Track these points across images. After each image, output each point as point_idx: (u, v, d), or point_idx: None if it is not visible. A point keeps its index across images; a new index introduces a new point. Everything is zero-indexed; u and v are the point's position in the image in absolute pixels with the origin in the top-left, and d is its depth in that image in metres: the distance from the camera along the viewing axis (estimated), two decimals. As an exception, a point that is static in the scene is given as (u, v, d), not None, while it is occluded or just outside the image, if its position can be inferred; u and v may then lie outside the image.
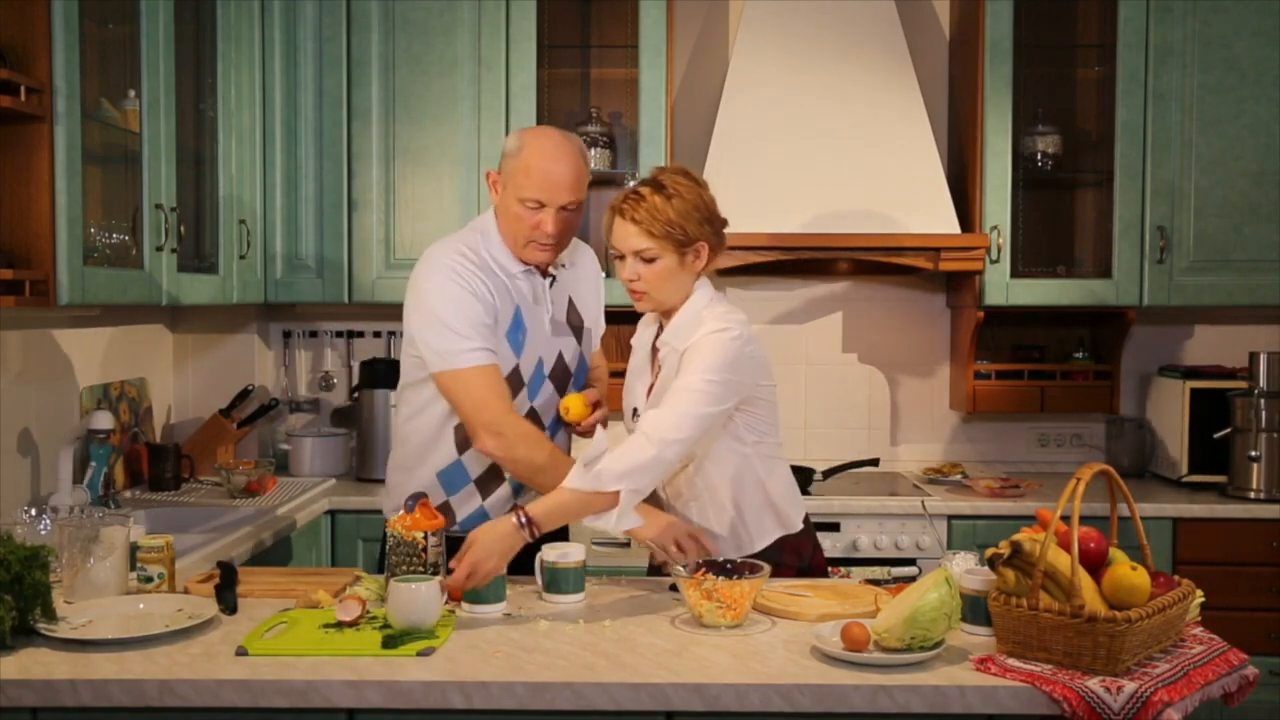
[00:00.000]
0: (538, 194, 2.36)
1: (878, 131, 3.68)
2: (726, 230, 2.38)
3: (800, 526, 2.45)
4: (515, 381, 2.46)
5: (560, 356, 2.54)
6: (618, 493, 2.13)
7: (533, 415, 2.50)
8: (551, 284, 2.53)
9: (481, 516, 2.49)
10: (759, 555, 2.34)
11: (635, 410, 2.44)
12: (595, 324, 2.67)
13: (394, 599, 1.99)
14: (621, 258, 2.32)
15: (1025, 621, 1.84)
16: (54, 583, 2.05)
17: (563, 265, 2.56)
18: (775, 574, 2.32)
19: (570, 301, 2.58)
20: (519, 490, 2.52)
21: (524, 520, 2.11)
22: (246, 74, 3.45)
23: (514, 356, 2.45)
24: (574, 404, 2.48)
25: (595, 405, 2.51)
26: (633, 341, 2.55)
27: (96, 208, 2.73)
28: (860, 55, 3.73)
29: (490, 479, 2.52)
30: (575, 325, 2.59)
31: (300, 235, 3.67)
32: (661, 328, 2.43)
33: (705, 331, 2.27)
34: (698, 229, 2.29)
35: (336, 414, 4.04)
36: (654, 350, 2.44)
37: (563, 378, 2.55)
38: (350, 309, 3.87)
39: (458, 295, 2.37)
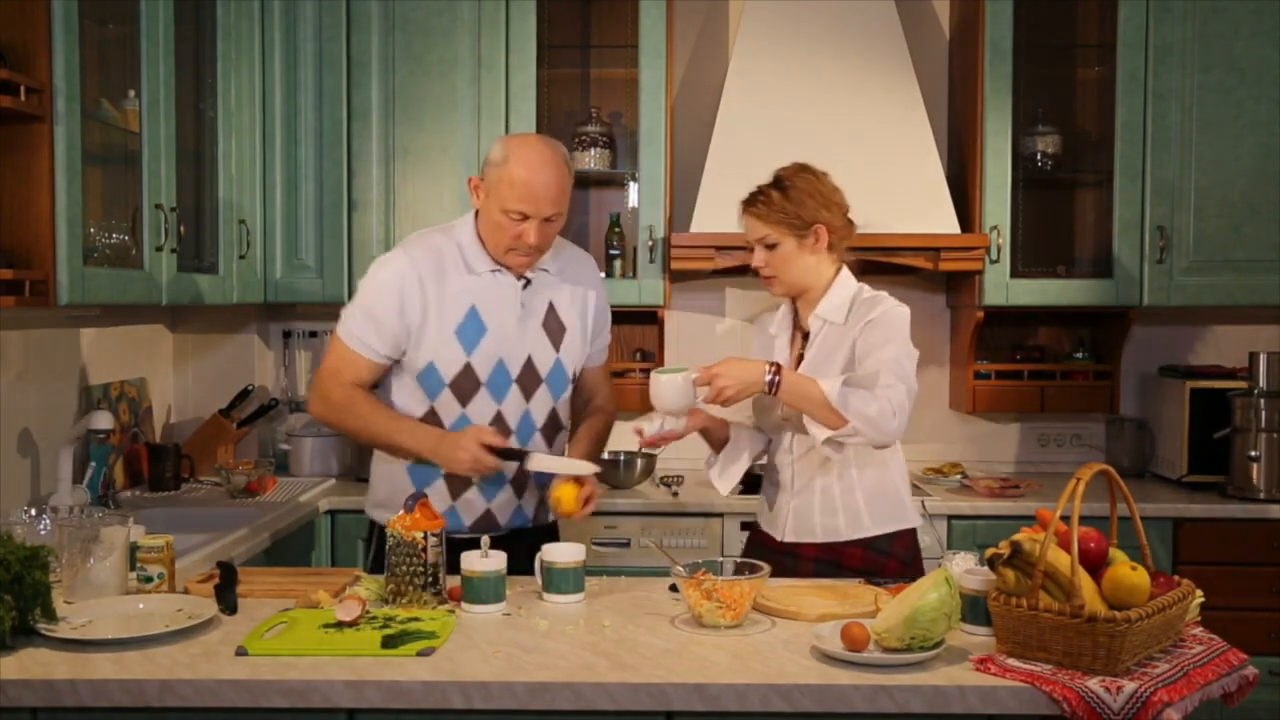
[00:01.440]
0: (522, 206, 2.37)
1: (878, 131, 3.68)
2: (849, 219, 2.59)
3: (918, 522, 2.57)
4: (469, 381, 2.46)
5: (530, 360, 2.52)
6: (845, 421, 2.30)
7: (499, 420, 2.49)
8: (525, 285, 2.51)
9: (451, 515, 2.49)
10: (873, 542, 2.48)
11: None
12: (584, 333, 2.62)
13: (653, 388, 2.36)
14: (752, 250, 2.55)
15: (1025, 621, 1.84)
16: (54, 583, 2.05)
17: (544, 269, 2.54)
18: (878, 565, 2.48)
19: (550, 306, 2.56)
20: (488, 494, 2.51)
21: (773, 377, 2.33)
22: (246, 74, 3.45)
23: (464, 354, 2.45)
24: (566, 495, 2.40)
25: (588, 500, 2.44)
26: (752, 346, 2.72)
27: (96, 208, 2.73)
28: (860, 55, 3.73)
29: (457, 476, 2.48)
30: (553, 330, 2.56)
31: (300, 235, 3.67)
32: (795, 309, 2.60)
33: (890, 304, 2.46)
34: (813, 213, 2.47)
35: (336, 414, 4.04)
36: (796, 330, 2.59)
37: (531, 383, 2.53)
38: (350, 309, 3.86)
39: (383, 296, 2.44)
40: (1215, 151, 3.64)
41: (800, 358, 2.55)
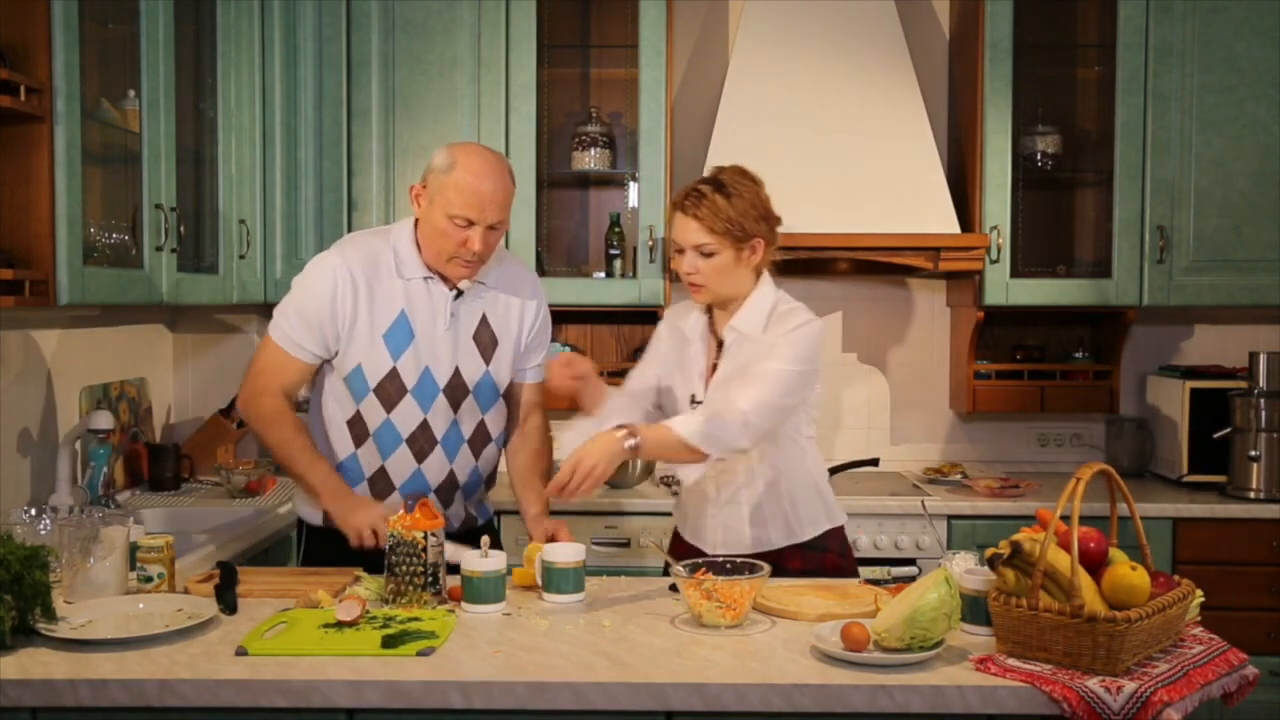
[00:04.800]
0: (467, 211, 2.35)
1: (878, 131, 3.67)
2: (780, 228, 2.51)
3: (844, 519, 2.57)
4: (395, 386, 2.45)
5: (458, 371, 2.50)
6: (706, 456, 2.30)
7: (424, 428, 2.47)
8: (457, 296, 2.49)
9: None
10: (808, 544, 2.50)
11: (693, 398, 2.50)
12: (516, 348, 2.59)
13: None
14: (681, 251, 2.43)
15: (1025, 621, 1.84)
16: (54, 583, 2.05)
17: (480, 281, 2.51)
18: (815, 563, 2.50)
19: (483, 318, 2.53)
20: (411, 493, 2.47)
21: (633, 440, 2.25)
22: (246, 74, 3.45)
23: (390, 359, 2.44)
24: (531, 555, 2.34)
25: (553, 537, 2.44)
26: (661, 330, 2.63)
27: (96, 208, 2.73)
28: (860, 55, 3.73)
29: (380, 480, 2.50)
30: (484, 342, 2.54)
31: (300, 235, 3.67)
32: (711, 315, 2.53)
33: (798, 321, 2.41)
34: (754, 226, 2.41)
35: (336, 414, 4.03)
36: (712, 337, 2.52)
37: (459, 394, 2.51)
38: (350, 309, 3.86)
39: (316, 294, 2.43)
40: (1215, 151, 3.64)
41: (714, 367, 2.49)
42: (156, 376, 3.72)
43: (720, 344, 2.50)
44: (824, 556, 2.50)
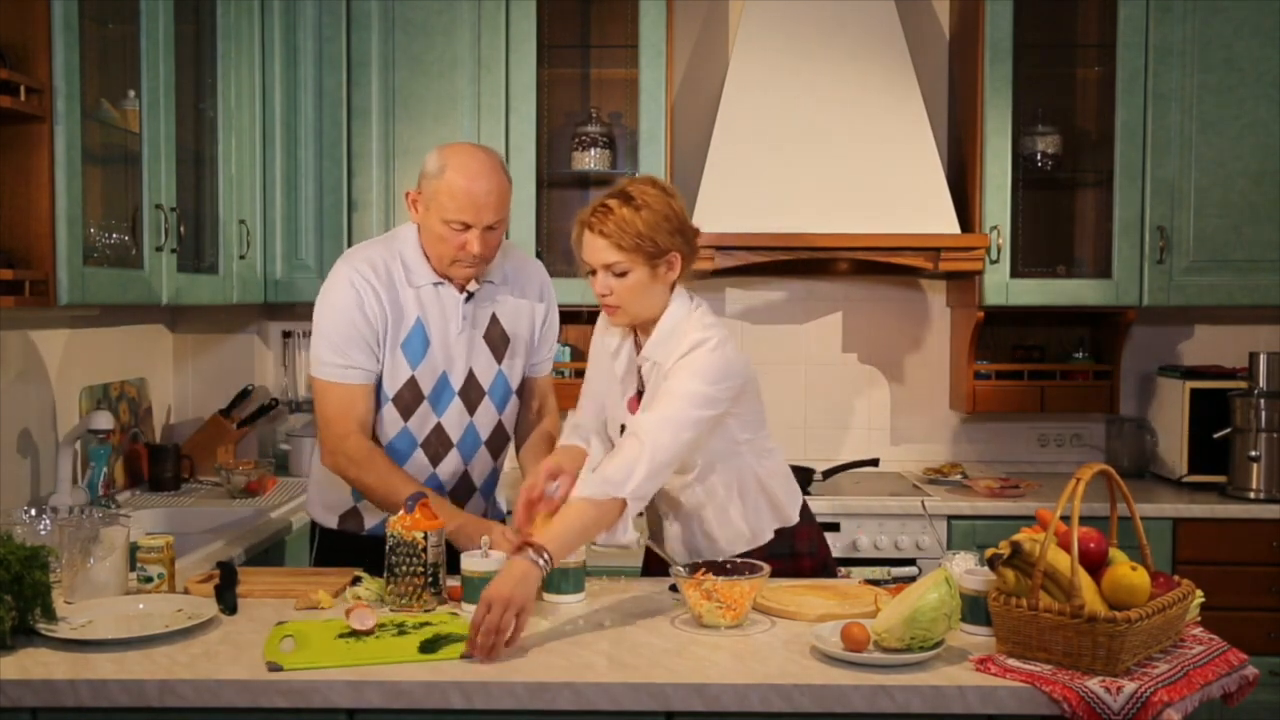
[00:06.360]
0: (463, 215, 2.32)
1: (878, 131, 3.67)
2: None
3: (796, 519, 2.44)
4: (413, 394, 2.44)
5: (472, 373, 2.49)
6: (624, 501, 2.10)
7: (438, 431, 2.48)
8: (467, 299, 2.47)
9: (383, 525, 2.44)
10: (762, 549, 2.37)
11: (623, 428, 2.33)
12: (528, 345, 2.59)
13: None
14: (593, 272, 2.27)
15: (1025, 621, 1.84)
16: (54, 583, 2.05)
17: (488, 280, 2.50)
18: (790, 566, 2.39)
19: (494, 317, 2.52)
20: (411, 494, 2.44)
21: (544, 556, 1.99)
22: (246, 74, 3.45)
23: (409, 368, 2.43)
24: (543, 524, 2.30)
25: None
26: (591, 350, 2.47)
27: (96, 208, 2.73)
28: (860, 55, 3.73)
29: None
30: (496, 343, 2.53)
31: (300, 235, 3.67)
32: (636, 336, 2.38)
33: (687, 347, 2.22)
34: (668, 240, 2.24)
35: (336, 414, 4.03)
36: (635, 366, 2.38)
37: (475, 396, 2.51)
38: (350, 309, 3.86)
39: (344, 308, 2.38)
40: (1215, 151, 3.64)
41: (641, 393, 2.35)
42: (156, 376, 3.72)
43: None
44: (795, 562, 2.41)
